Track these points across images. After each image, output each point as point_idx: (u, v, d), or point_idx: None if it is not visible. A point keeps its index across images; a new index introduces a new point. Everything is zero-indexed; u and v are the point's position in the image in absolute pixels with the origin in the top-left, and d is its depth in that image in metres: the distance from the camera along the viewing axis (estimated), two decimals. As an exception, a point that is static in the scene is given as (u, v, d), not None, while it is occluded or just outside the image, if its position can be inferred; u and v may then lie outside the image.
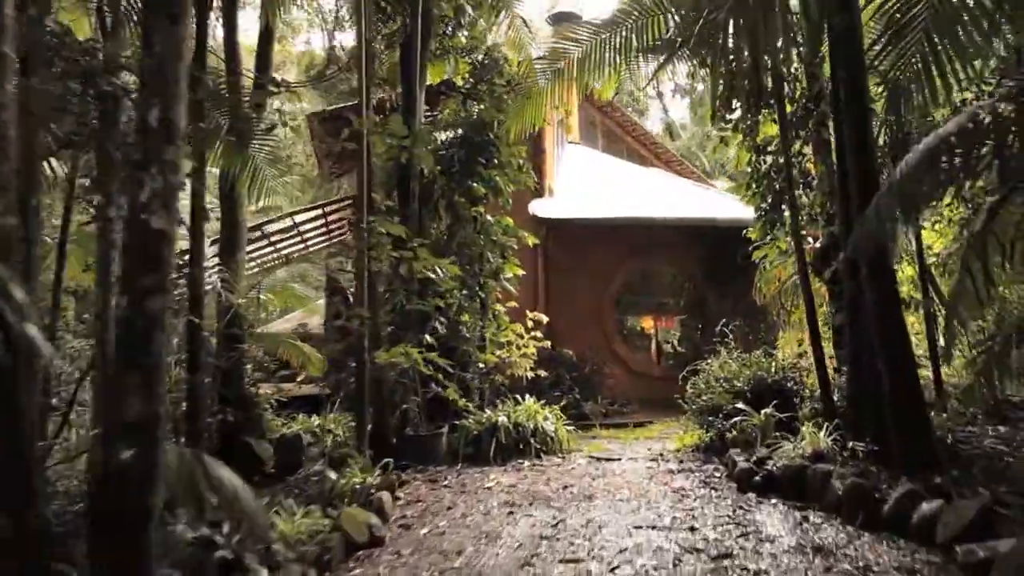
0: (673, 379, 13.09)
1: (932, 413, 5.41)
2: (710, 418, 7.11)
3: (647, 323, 17.05)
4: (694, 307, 13.12)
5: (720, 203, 13.52)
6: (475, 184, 8.12)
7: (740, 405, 6.65)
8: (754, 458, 5.78)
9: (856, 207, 5.27)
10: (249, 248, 11.41)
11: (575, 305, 12.43)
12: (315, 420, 8.10)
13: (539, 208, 11.87)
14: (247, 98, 6.46)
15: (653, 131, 20.96)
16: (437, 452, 7.49)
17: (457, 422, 7.71)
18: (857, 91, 5.45)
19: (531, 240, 8.97)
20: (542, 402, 8.43)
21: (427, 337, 7.79)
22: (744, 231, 11.36)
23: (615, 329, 12.80)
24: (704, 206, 13.06)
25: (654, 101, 42.36)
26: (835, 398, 6.11)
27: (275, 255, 13.26)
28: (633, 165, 17.01)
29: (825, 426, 5.51)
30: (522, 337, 9.00)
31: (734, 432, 6.51)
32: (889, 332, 5.06)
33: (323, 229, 14.46)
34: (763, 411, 6.25)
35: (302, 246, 14.73)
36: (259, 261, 13.03)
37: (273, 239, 12.28)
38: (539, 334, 9.05)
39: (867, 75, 5.72)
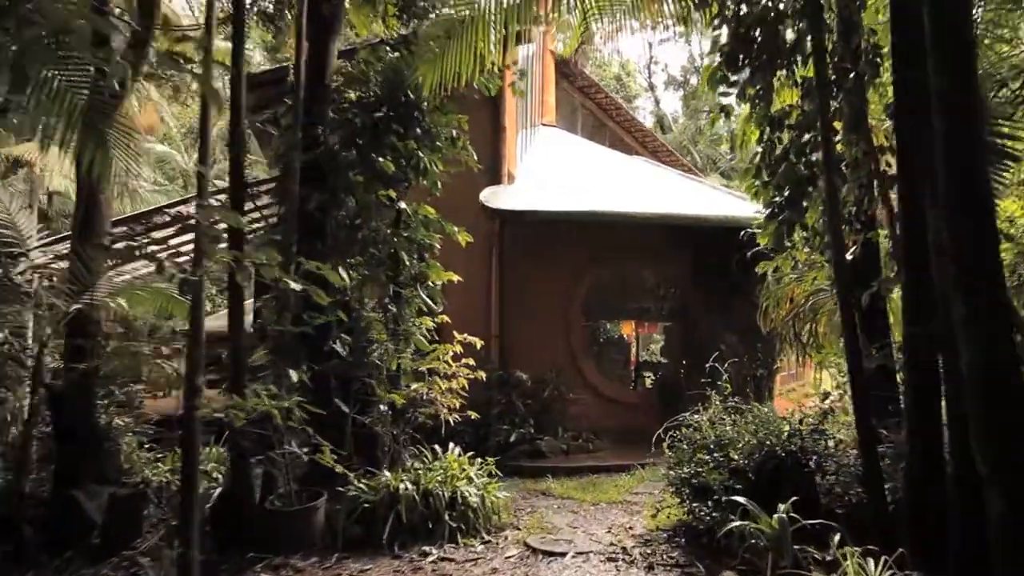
0: (652, 407, 11.02)
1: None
2: (695, 504, 4.96)
3: (625, 333, 14.99)
4: (678, 321, 10.99)
5: (713, 198, 11.38)
6: (384, 159, 5.89)
7: (739, 495, 4.50)
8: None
9: (947, 194, 3.15)
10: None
11: (535, 316, 10.27)
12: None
13: (492, 197, 9.68)
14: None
15: (644, 125, 18.78)
16: (310, 533, 5.32)
17: (344, 488, 5.55)
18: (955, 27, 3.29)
19: (463, 238, 6.74)
20: (470, 454, 6.27)
21: (303, 369, 5.62)
22: (742, 232, 9.22)
23: (583, 345, 10.67)
24: (694, 201, 10.91)
25: (646, 97, 40.32)
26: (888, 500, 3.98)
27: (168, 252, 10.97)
28: (616, 153, 14.83)
29: (882, 559, 3.37)
30: (451, 364, 6.81)
31: (731, 539, 4.36)
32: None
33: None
34: (776, 514, 4.09)
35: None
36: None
37: (159, 233, 10.00)
38: (471, 361, 6.87)
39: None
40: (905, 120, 4.06)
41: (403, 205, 6.22)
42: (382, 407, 6.19)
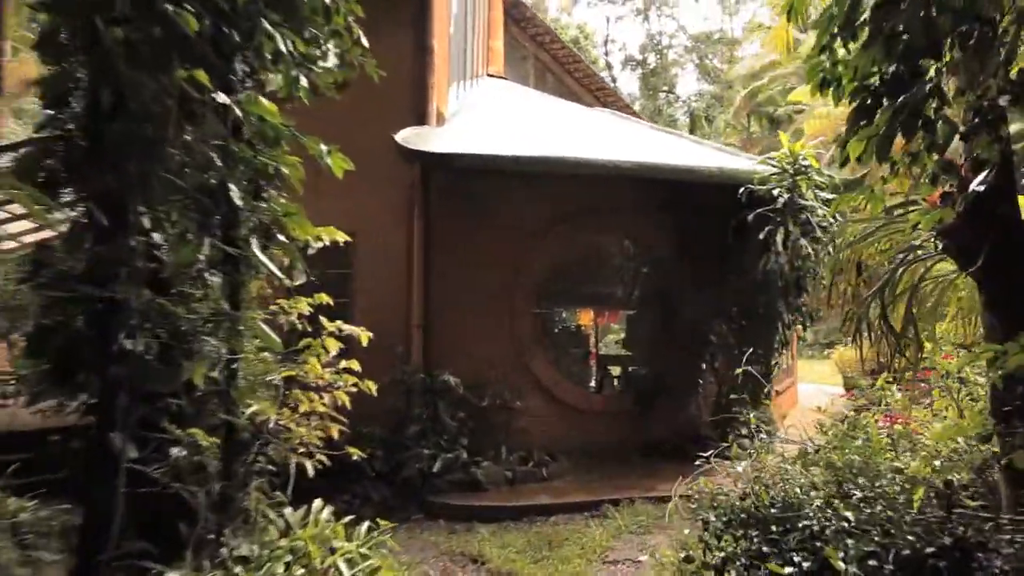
0: (623, 415, 8.72)
1: None
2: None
3: (582, 323, 12.62)
4: (658, 304, 8.69)
5: (700, 152, 9.09)
6: (182, 9, 3.32)
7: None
8: None
9: None
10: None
11: (472, 300, 7.83)
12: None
13: (415, 139, 7.16)
14: None
15: (607, 82, 16.40)
16: None
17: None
18: None
19: (337, 164, 4.08)
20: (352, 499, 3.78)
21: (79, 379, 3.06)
22: (740, 191, 6.93)
23: (534, 337, 8.29)
24: (678, 154, 8.60)
25: (604, 76, 38.11)
26: None
27: None
28: (576, 106, 12.41)
29: None
30: (340, 372, 4.29)
31: None
32: None
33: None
34: None
35: None
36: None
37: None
38: (354, 365, 4.36)
39: None
40: None
41: (229, 102, 3.63)
42: (201, 444, 3.62)
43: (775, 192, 7.01)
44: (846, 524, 2.75)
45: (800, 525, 2.83)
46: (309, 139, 3.82)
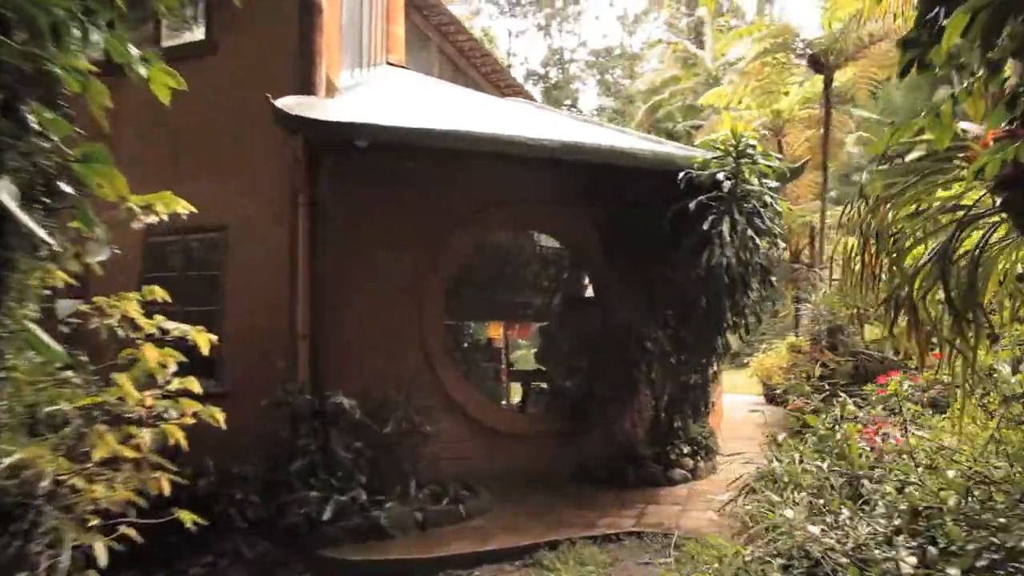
0: (551, 436, 7.63)
1: None
2: None
3: (491, 335, 11.52)
4: (583, 306, 7.68)
5: (629, 140, 8.23)
6: None
7: None
8: None
9: None
10: None
11: (371, 305, 6.56)
12: None
13: (301, 108, 5.83)
14: None
15: (518, 83, 15.47)
16: None
17: None
18: None
19: (159, 82, 2.73)
20: None
21: None
22: (680, 176, 6.10)
23: (445, 348, 7.08)
24: (605, 138, 7.69)
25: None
26: None
27: None
28: (490, 97, 11.34)
29: None
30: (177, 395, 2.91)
31: None
32: None
33: None
34: None
35: None
36: None
37: None
38: (192, 385, 3.01)
39: None
40: None
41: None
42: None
43: (720, 176, 6.19)
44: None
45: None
46: (111, 36, 2.46)
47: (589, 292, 8.55)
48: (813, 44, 11.46)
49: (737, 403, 12.06)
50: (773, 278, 6.61)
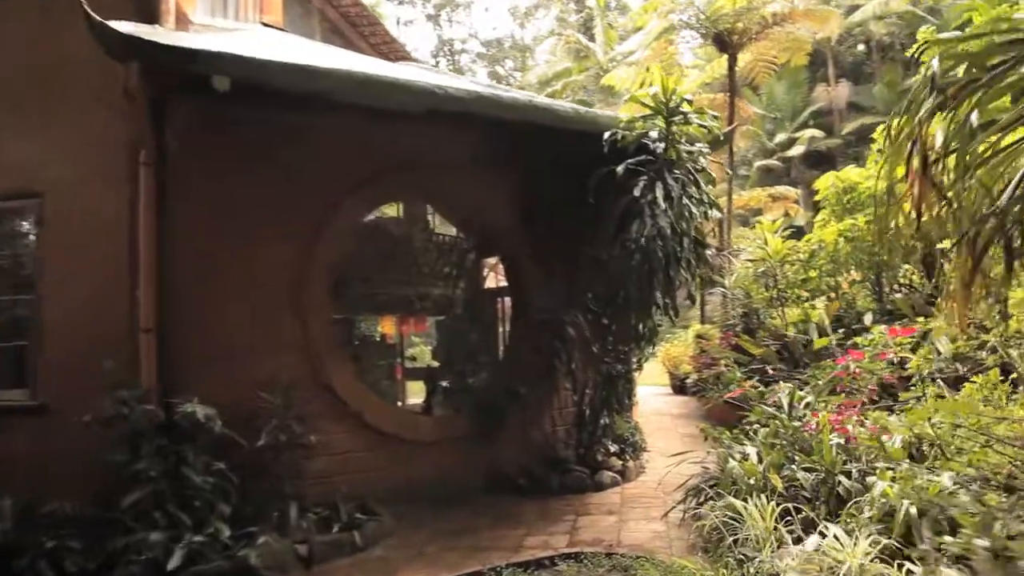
0: (461, 442, 6.60)
1: None
2: None
3: (384, 331, 10.32)
4: (491, 292, 6.73)
5: (543, 101, 7.35)
6: None
7: None
8: None
9: None
10: None
11: (238, 290, 5.29)
12: None
13: (134, 29, 4.49)
14: None
15: (410, 53, 14.17)
16: None
17: None
18: None
19: None
20: None
21: None
22: (607, 135, 5.30)
23: (332, 344, 5.92)
24: (525, 95, 6.76)
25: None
26: None
27: None
28: (380, 60, 10.10)
29: None
30: None
31: None
32: None
33: None
34: None
35: None
36: None
37: None
38: None
39: None
40: None
41: None
42: None
43: (653, 136, 5.43)
44: None
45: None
46: None
47: (499, 278, 7.64)
48: (719, 20, 11.13)
49: (644, 394, 11.55)
50: (708, 251, 5.95)
